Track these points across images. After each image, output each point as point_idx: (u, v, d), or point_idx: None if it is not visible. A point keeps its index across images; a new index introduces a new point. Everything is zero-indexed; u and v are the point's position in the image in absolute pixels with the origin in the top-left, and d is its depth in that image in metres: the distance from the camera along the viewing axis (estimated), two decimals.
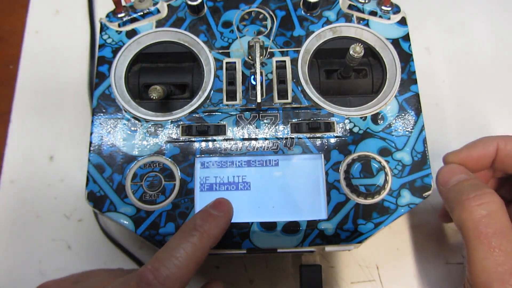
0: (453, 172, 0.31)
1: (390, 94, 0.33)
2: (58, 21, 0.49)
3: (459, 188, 0.29)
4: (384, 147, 0.32)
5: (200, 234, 0.27)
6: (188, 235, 0.27)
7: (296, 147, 0.32)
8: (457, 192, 0.29)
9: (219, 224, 0.28)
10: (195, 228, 0.27)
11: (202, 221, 0.27)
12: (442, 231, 0.41)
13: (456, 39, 0.48)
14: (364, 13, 0.35)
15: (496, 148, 0.32)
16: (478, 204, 0.27)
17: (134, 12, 0.35)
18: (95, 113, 0.33)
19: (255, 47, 0.33)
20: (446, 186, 0.30)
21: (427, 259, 0.40)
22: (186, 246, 0.26)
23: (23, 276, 0.40)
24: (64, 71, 0.47)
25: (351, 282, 0.40)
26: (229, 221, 0.29)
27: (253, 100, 0.33)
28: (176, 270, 0.25)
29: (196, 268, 0.27)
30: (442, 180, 0.31)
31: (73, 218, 0.42)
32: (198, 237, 0.27)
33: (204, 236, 0.27)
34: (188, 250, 0.26)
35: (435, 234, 0.41)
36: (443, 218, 0.40)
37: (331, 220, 0.31)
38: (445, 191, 0.30)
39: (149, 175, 0.32)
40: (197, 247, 0.26)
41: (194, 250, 0.26)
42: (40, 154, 0.44)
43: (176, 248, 0.26)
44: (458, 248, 0.40)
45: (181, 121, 0.33)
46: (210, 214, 0.28)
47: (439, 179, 0.31)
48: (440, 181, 0.31)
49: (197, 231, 0.27)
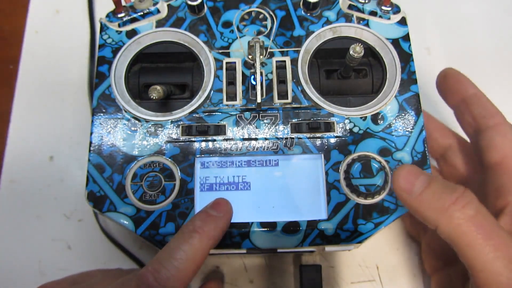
0: (414, 174, 0.27)
1: (390, 94, 0.33)
2: (58, 21, 0.49)
3: (433, 193, 0.26)
4: (384, 147, 0.32)
5: (200, 236, 0.27)
6: (188, 237, 0.27)
7: (296, 147, 0.32)
8: (434, 200, 0.25)
9: (218, 225, 0.28)
10: (195, 229, 0.27)
11: (202, 222, 0.27)
12: None
13: (456, 39, 0.48)
14: (364, 13, 0.35)
15: (474, 92, 0.33)
16: (463, 206, 0.25)
17: (134, 12, 0.35)
18: (95, 113, 0.33)
19: (255, 47, 0.33)
20: (412, 193, 0.26)
21: None
22: (186, 248, 0.26)
23: (23, 276, 0.40)
24: (64, 71, 0.47)
25: (351, 282, 0.40)
26: (229, 221, 0.29)
27: (253, 100, 0.33)
28: (176, 272, 0.25)
29: (196, 269, 0.27)
30: (404, 186, 0.26)
31: (73, 218, 0.42)
32: (198, 239, 0.27)
33: (204, 237, 0.27)
34: (188, 251, 0.26)
35: None
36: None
37: (331, 220, 0.31)
38: (414, 200, 0.26)
39: (149, 175, 0.32)
40: (197, 248, 0.26)
41: (194, 252, 0.26)
42: (40, 154, 0.44)
43: (176, 249, 0.26)
44: None
45: (181, 121, 0.33)
46: (210, 215, 0.28)
47: (399, 187, 0.27)
48: (401, 188, 0.27)
49: (197, 233, 0.27)
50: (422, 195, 0.26)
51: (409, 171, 0.27)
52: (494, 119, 0.32)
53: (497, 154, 0.31)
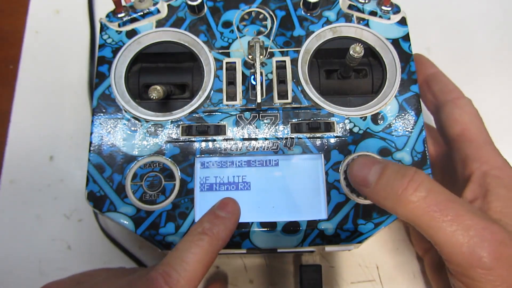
0: (365, 165, 0.28)
1: (390, 94, 0.33)
2: (58, 21, 0.49)
3: (386, 182, 0.26)
4: (384, 147, 0.32)
5: (209, 238, 0.27)
6: (198, 239, 0.27)
7: (296, 147, 0.32)
8: (388, 188, 0.26)
9: (227, 226, 0.28)
10: (204, 231, 0.27)
11: (211, 224, 0.27)
12: None
13: (456, 39, 0.48)
14: (364, 13, 0.35)
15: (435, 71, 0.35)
16: (415, 189, 0.25)
17: (134, 12, 0.35)
18: (95, 113, 0.33)
19: (255, 47, 0.33)
20: (369, 186, 0.27)
21: None
22: (196, 251, 0.26)
23: (23, 276, 0.40)
24: (64, 71, 0.47)
25: (351, 282, 0.40)
26: (237, 221, 0.29)
27: (253, 100, 0.33)
28: (186, 274, 0.25)
29: (205, 272, 0.27)
30: (360, 180, 0.28)
31: (73, 218, 0.42)
32: (208, 241, 0.27)
33: (213, 239, 0.27)
34: (198, 254, 0.26)
35: None
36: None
37: (331, 220, 0.31)
38: (372, 193, 0.27)
39: (149, 175, 0.32)
40: (206, 251, 0.26)
41: (204, 254, 0.26)
42: (40, 154, 0.44)
43: (186, 252, 0.26)
44: None
45: (181, 121, 0.33)
46: (218, 216, 0.28)
47: (356, 181, 0.28)
48: (358, 182, 0.28)
49: (206, 235, 0.27)
50: (376, 186, 0.27)
51: (361, 164, 0.28)
52: (452, 94, 0.34)
53: (458, 126, 0.33)
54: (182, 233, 0.31)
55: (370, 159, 0.28)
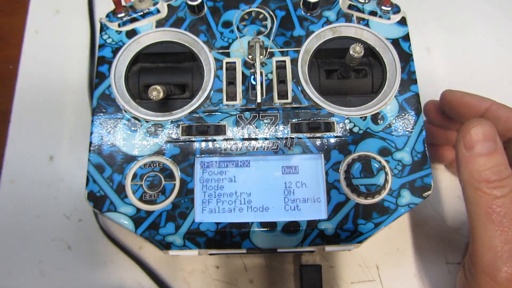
0: (486, 136, 0.28)
1: (390, 94, 0.33)
2: (58, 21, 0.49)
3: (487, 162, 0.27)
4: (384, 147, 0.32)
5: None
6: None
7: (296, 147, 0.32)
8: (479, 168, 0.27)
9: None
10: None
11: None
12: (442, 231, 0.41)
13: (456, 39, 0.48)
14: (364, 13, 0.35)
15: (488, 106, 0.32)
16: (495, 187, 0.27)
17: (134, 12, 0.35)
18: (95, 113, 0.33)
19: (255, 47, 0.33)
20: (471, 149, 0.28)
21: (427, 259, 0.40)
22: None
23: (23, 276, 0.40)
24: (64, 71, 0.47)
25: (351, 282, 0.40)
26: None
27: (253, 100, 0.33)
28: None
29: None
30: (469, 141, 0.28)
31: (73, 218, 0.42)
32: None
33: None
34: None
35: (435, 234, 0.41)
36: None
37: (331, 220, 0.31)
38: (465, 156, 0.28)
39: (149, 175, 0.32)
40: None
41: None
42: (40, 154, 0.44)
43: None
44: (458, 248, 0.40)
45: (181, 121, 0.33)
46: None
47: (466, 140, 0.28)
48: (465, 140, 0.28)
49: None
50: (475, 157, 0.27)
51: (483, 130, 0.28)
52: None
53: None
54: (182, 233, 0.31)
55: (491, 133, 0.28)
